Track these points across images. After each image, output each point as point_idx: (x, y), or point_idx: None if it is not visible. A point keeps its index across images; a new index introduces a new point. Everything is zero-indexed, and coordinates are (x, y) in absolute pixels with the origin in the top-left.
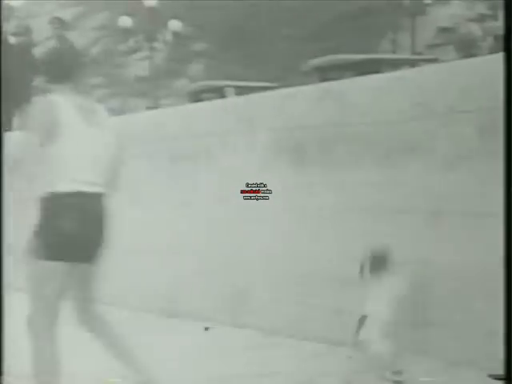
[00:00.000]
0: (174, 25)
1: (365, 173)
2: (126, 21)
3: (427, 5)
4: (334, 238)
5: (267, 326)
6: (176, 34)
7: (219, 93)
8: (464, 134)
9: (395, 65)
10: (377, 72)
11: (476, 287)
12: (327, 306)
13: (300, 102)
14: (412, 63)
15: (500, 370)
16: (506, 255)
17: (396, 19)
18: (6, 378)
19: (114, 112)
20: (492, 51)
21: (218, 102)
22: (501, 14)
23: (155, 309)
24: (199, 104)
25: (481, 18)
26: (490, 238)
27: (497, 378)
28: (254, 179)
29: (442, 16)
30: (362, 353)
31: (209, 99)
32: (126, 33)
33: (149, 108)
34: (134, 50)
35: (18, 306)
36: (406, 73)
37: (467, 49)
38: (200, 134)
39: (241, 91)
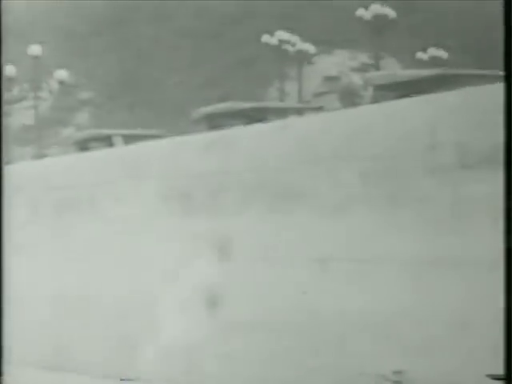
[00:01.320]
0: (60, 74)
1: (250, 219)
2: (10, 70)
3: (313, 54)
4: (222, 286)
5: (156, 378)
6: (62, 83)
7: (107, 141)
8: (347, 181)
9: (282, 113)
10: (264, 120)
11: (362, 332)
12: (216, 354)
13: (188, 151)
14: (299, 111)
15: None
16: (505, 256)
17: (283, 68)
18: (5, 378)
19: None
20: (373, 101)
21: (105, 151)
22: (382, 64)
23: (41, 362)
24: (85, 153)
25: (363, 68)
26: (377, 284)
27: (496, 378)
28: (139, 227)
29: (326, 65)
30: None
31: (96, 148)
32: (11, 82)
33: (34, 157)
34: (19, 99)
35: None
36: (292, 121)
37: (350, 97)
38: (86, 183)
39: (129, 140)
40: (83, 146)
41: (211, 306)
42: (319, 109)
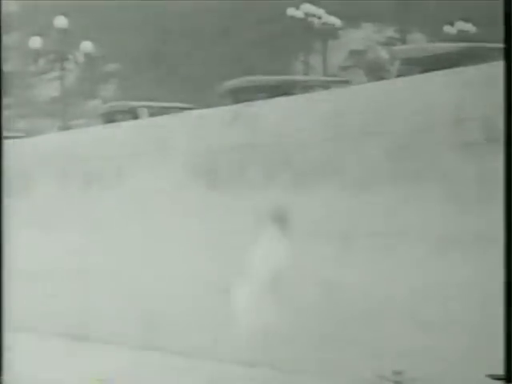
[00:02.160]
0: (86, 46)
1: (277, 195)
2: (35, 41)
3: (338, 28)
4: (248, 260)
5: (179, 349)
6: (88, 55)
7: (133, 114)
8: (372, 156)
9: (308, 87)
10: (289, 94)
11: (386, 307)
12: (237, 327)
13: (213, 124)
14: (324, 85)
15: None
16: (505, 256)
17: (308, 42)
18: (5, 378)
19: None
20: (399, 74)
21: (131, 123)
22: (408, 38)
23: (65, 333)
24: (111, 125)
25: (389, 42)
26: (401, 258)
27: (496, 378)
28: (165, 200)
29: (352, 39)
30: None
31: (122, 120)
32: (37, 53)
33: (60, 129)
34: (45, 71)
35: None
36: (317, 95)
37: (376, 72)
38: (112, 155)
39: (154, 112)
40: (109, 117)
41: (236, 278)
42: (345, 82)
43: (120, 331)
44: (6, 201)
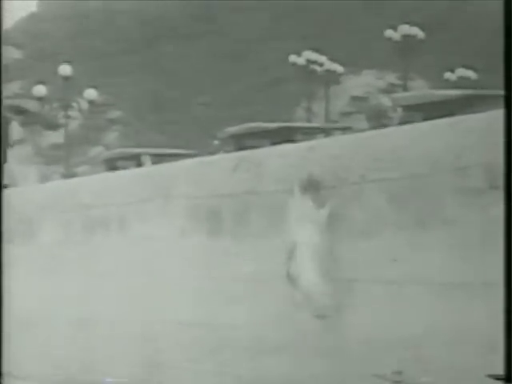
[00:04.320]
0: (90, 93)
1: (280, 242)
2: (40, 89)
3: (340, 74)
4: (251, 306)
5: None
6: (91, 103)
7: (135, 160)
8: (374, 203)
9: (310, 133)
10: (291, 140)
11: (387, 352)
12: (243, 375)
13: (216, 170)
14: (326, 131)
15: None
16: (505, 256)
17: (310, 88)
18: (5, 378)
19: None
20: (401, 121)
21: (134, 170)
22: (409, 84)
23: (65, 381)
24: (114, 173)
25: (391, 89)
26: (405, 305)
27: (496, 378)
28: (168, 248)
29: (354, 85)
30: (294, 287)
31: (125, 167)
32: (41, 101)
33: (63, 176)
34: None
35: None
36: (319, 141)
37: (378, 118)
38: (115, 202)
39: (157, 159)
40: (112, 164)
41: (241, 323)
42: (347, 129)
43: (122, 379)
44: (7, 248)
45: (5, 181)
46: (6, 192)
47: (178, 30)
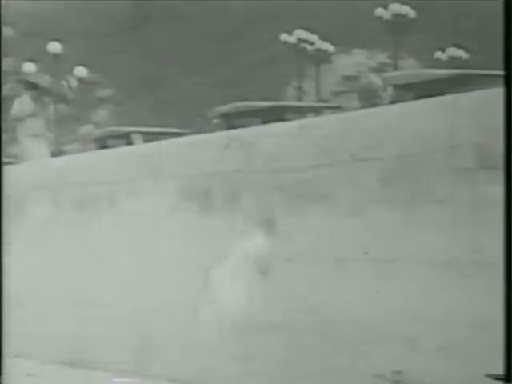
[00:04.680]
0: (80, 71)
1: (270, 220)
2: (29, 67)
3: (331, 53)
4: (240, 286)
5: (176, 376)
6: (81, 80)
7: (126, 139)
8: (365, 182)
9: (300, 112)
10: (282, 119)
11: (379, 334)
12: (238, 353)
13: (206, 149)
14: (317, 110)
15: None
16: (505, 256)
17: (301, 67)
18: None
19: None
20: (392, 101)
21: (124, 148)
22: (400, 64)
23: (60, 359)
24: (104, 151)
25: (381, 67)
26: (396, 283)
27: (496, 378)
28: (159, 226)
29: (345, 65)
30: None
31: (115, 146)
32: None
33: (53, 154)
34: None
35: None
36: (310, 120)
37: (369, 98)
38: (105, 181)
39: (148, 137)
40: (102, 143)
41: (230, 302)
42: (338, 108)
43: (115, 358)
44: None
45: (17, 155)
46: None
47: (169, 9)
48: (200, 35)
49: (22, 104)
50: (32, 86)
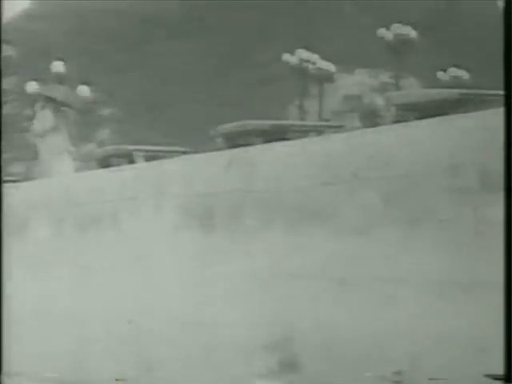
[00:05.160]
0: (82, 90)
1: (273, 239)
2: (33, 86)
3: (333, 73)
4: (245, 304)
5: None
6: (84, 100)
7: (128, 158)
8: (367, 202)
9: (302, 131)
10: (284, 138)
11: (383, 352)
12: (237, 374)
13: (209, 168)
14: (319, 130)
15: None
16: (505, 255)
17: (303, 86)
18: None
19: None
20: (395, 120)
21: (126, 167)
22: (402, 83)
23: (57, 378)
24: (107, 170)
25: (383, 87)
26: (397, 304)
27: (496, 378)
28: (161, 245)
29: (347, 84)
30: None
31: (117, 164)
32: (33, 98)
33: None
34: None
35: None
36: (312, 140)
37: (371, 117)
38: (107, 199)
39: (150, 156)
40: (105, 162)
41: (233, 320)
42: (340, 127)
43: (115, 375)
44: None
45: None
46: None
47: (171, 28)
48: (202, 54)
49: (43, 119)
50: (49, 100)
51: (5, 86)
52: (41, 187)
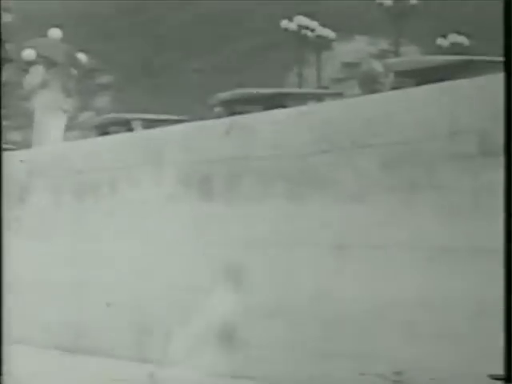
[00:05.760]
0: (80, 57)
1: (271, 206)
2: (30, 53)
3: (332, 40)
4: (241, 271)
5: (173, 362)
6: (81, 67)
7: (126, 126)
8: (366, 168)
9: (301, 99)
10: (283, 106)
11: (380, 320)
12: (231, 340)
13: (207, 136)
14: (318, 97)
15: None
16: (505, 254)
17: (302, 53)
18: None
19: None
20: (393, 87)
21: (124, 135)
22: (402, 50)
23: (60, 345)
24: (105, 137)
25: (383, 54)
26: (396, 270)
27: (496, 378)
28: (160, 213)
29: (346, 51)
30: None
31: (116, 132)
32: (30, 65)
33: None
34: None
35: None
36: (311, 107)
37: (369, 84)
38: (105, 167)
39: (148, 124)
40: (103, 130)
41: (231, 288)
42: (338, 95)
43: (114, 343)
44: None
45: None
46: None
47: None
48: (200, 21)
49: (35, 73)
50: (44, 60)
51: (3, 54)
52: (37, 154)
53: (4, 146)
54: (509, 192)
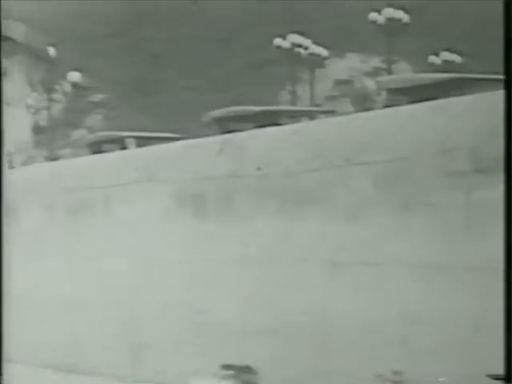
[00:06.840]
0: (74, 76)
1: (264, 223)
2: None
3: (325, 58)
4: (235, 289)
5: (167, 380)
6: (75, 85)
7: (120, 144)
8: (359, 186)
9: (294, 116)
10: (276, 124)
11: (375, 336)
12: (227, 358)
13: (201, 154)
14: (311, 115)
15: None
16: (505, 255)
17: (295, 71)
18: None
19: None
20: (386, 105)
21: (118, 153)
22: (394, 68)
23: (53, 364)
24: (98, 156)
25: (375, 72)
26: (389, 288)
27: (496, 378)
28: (153, 231)
29: (338, 69)
30: None
31: (109, 150)
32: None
33: (47, 159)
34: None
35: None
36: (304, 125)
37: (362, 102)
38: (99, 185)
39: (142, 142)
40: (96, 148)
41: (225, 307)
42: (331, 112)
43: (108, 362)
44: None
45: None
46: None
47: (163, 12)
48: (194, 39)
49: None
50: (5, 39)
51: None
52: (31, 173)
53: None
54: (509, 209)
